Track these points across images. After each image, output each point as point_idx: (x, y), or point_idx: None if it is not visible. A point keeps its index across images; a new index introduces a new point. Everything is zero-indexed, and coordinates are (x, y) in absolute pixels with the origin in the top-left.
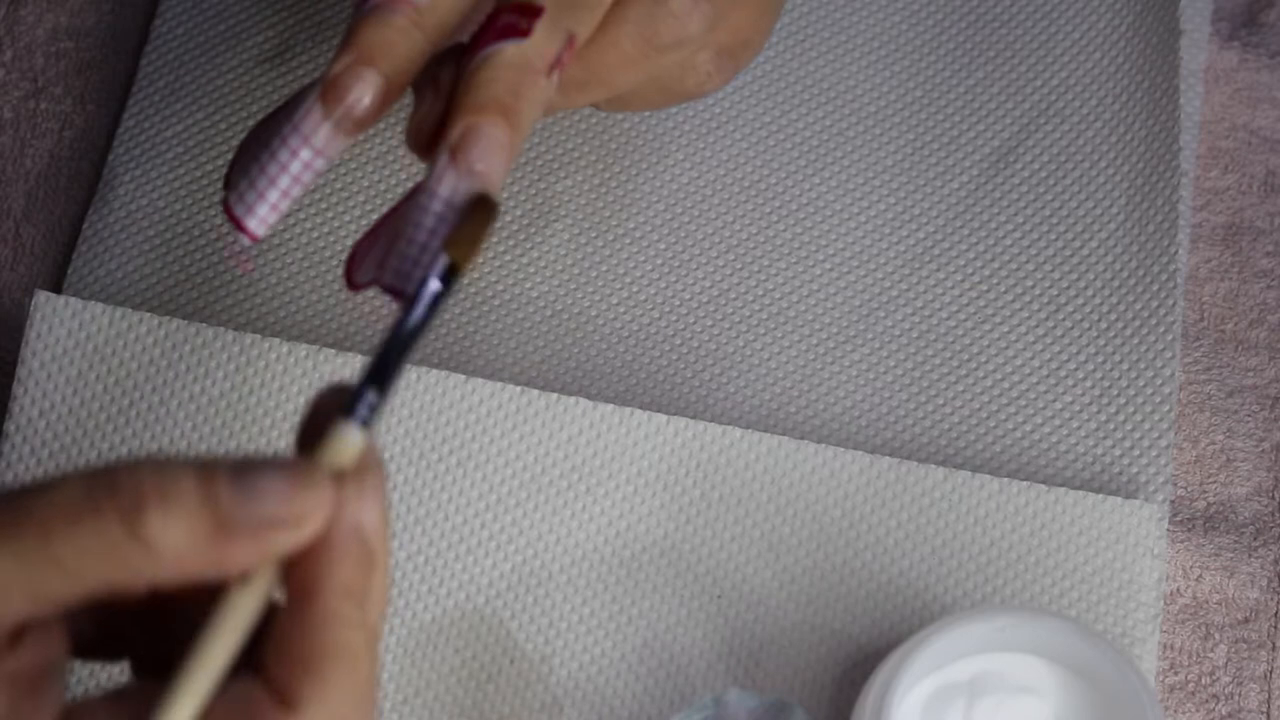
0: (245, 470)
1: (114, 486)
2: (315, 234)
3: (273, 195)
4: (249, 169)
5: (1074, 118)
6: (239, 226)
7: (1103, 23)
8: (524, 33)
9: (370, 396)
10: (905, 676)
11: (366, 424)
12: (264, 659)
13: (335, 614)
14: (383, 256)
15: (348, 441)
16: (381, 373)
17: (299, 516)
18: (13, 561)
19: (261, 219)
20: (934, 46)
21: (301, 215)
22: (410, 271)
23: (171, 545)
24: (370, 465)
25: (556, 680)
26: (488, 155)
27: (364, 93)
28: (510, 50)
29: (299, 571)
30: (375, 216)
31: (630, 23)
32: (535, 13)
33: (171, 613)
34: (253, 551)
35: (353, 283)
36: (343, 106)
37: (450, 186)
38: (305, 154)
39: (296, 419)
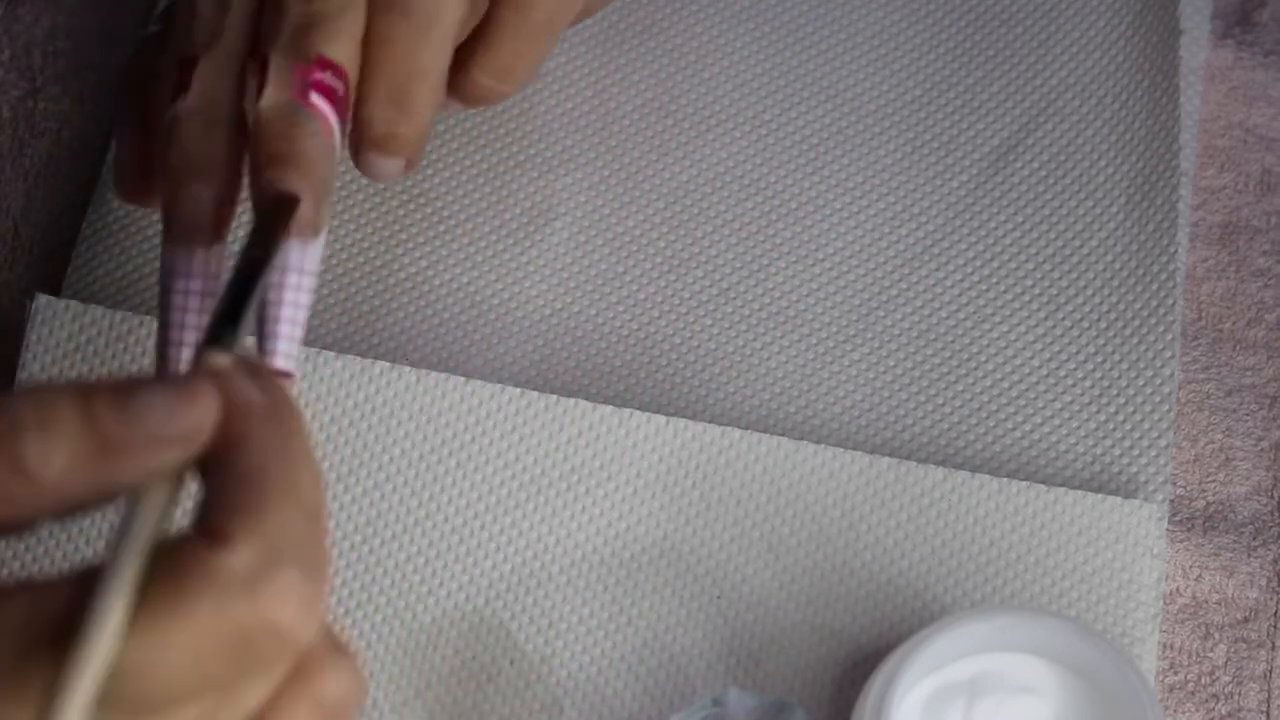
0: (126, 389)
1: None
2: None
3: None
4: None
5: (1073, 117)
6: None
7: (1102, 22)
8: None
9: (228, 331)
10: (905, 676)
11: (228, 347)
12: (196, 521)
13: (262, 462)
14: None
15: (215, 358)
16: (232, 314)
17: (186, 430)
18: None
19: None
20: (933, 45)
21: None
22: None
23: (54, 473)
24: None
25: (556, 680)
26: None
27: (197, 207)
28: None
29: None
30: (374, 216)
31: None
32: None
33: None
34: (141, 469)
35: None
36: (185, 229)
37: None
38: (196, 285)
39: None
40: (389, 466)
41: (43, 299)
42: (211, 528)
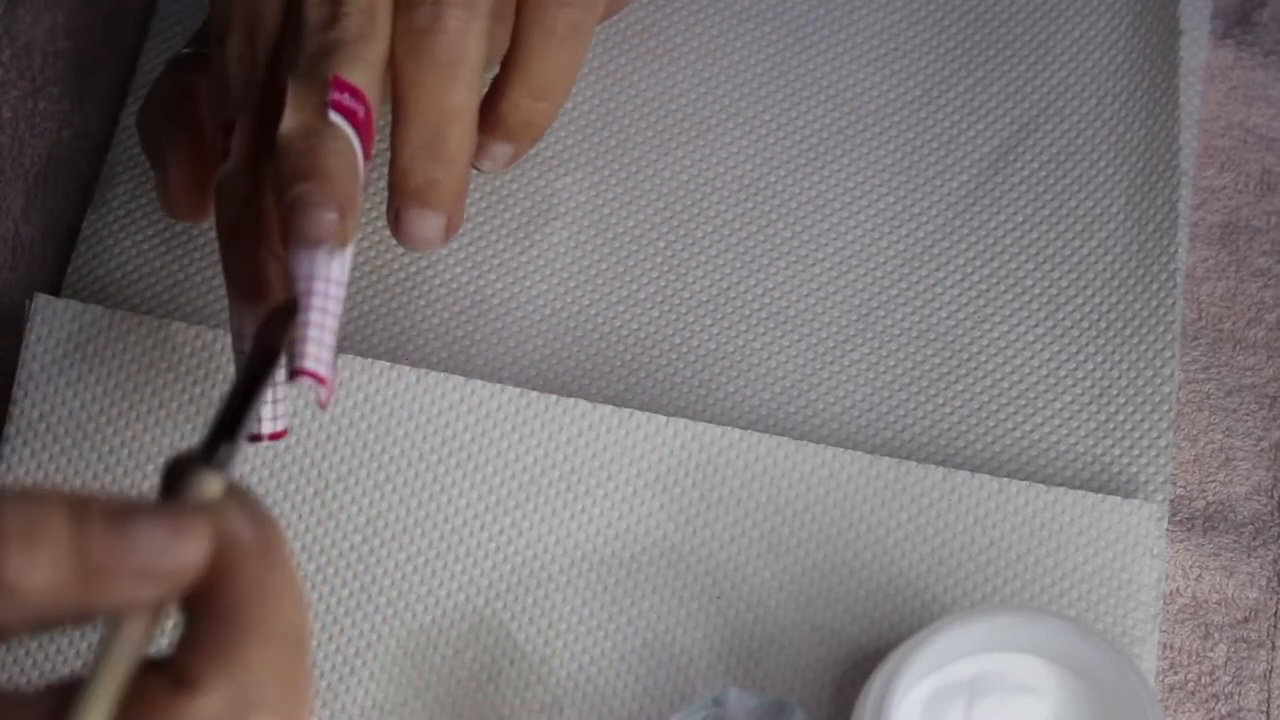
0: (121, 514)
1: None
2: None
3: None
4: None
5: (1073, 117)
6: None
7: (1102, 22)
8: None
9: (224, 447)
10: (905, 676)
11: (223, 470)
12: (168, 660)
13: (240, 604)
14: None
15: (209, 484)
16: (231, 426)
17: (178, 567)
18: None
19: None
20: (933, 46)
21: None
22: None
23: (35, 588)
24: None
25: (556, 681)
26: (314, 219)
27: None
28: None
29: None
30: (374, 216)
31: None
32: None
33: None
34: (125, 598)
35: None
36: (247, 292)
37: (305, 261)
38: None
39: (295, 421)
40: (389, 466)
41: (42, 298)
42: (182, 670)
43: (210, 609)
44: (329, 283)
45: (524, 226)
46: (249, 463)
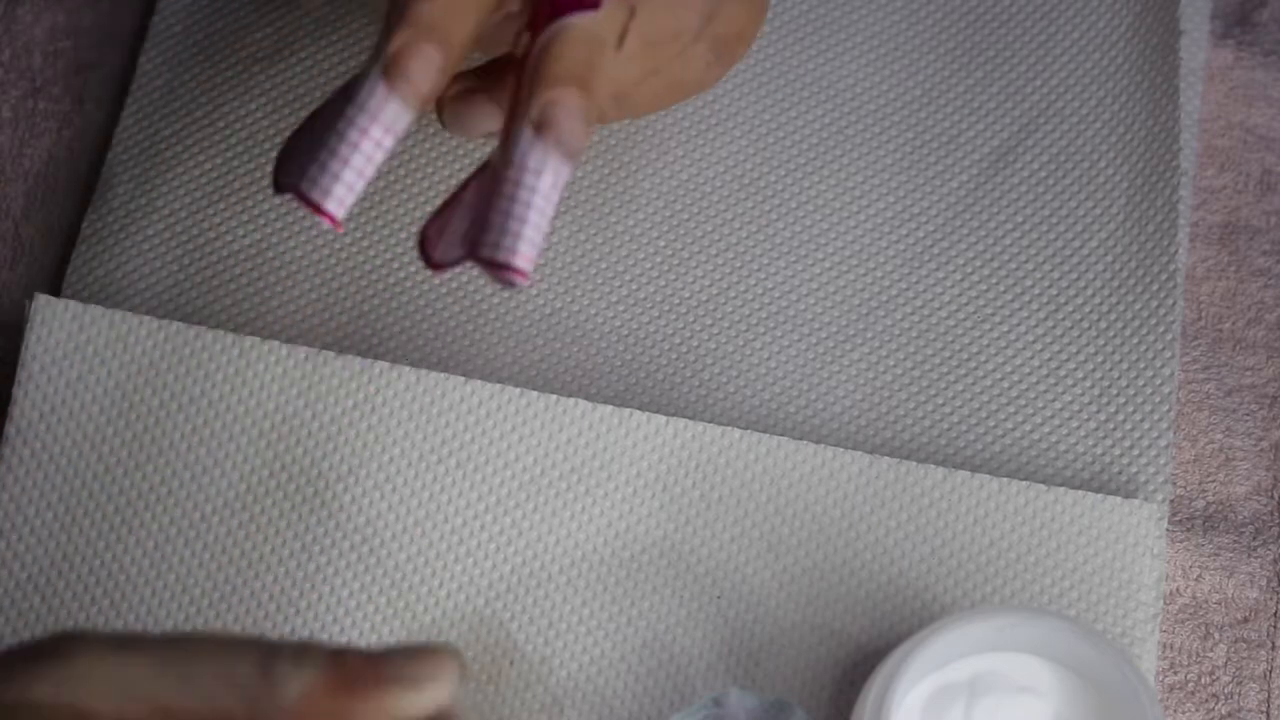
0: (377, 651)
1: (258, 638)
2: (316, 236)
3: (348, 175)
4: (315, 154)
5: (1073, 118)
6: (316, 210)
7: (1102, 23)
8: (594, 5)
9: None
10: (905, 676)
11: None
12: None
13: None
14: (473, 232)
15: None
16: None
17: (426, 678)
18: (151, 671)
19: (339, 199)
20: (933, 46)
21: (300, 215)
22: (512, 245)
23: (295, 690)
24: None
25: (556, 681)
26: (574, 127)
27: (426, 67)
28: (583, 22)
29: None
30: (373, 215)
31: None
32: None
33: None
34: (373, 711)
35: (435, 262)
36: (409, 83)
37: (539, 159)
38: (376, 132)
39: (296, 422)
40: (389, 466)
41: (42, 298)
42: None
43: None
44: (555, 188)
45: None
46: (249, 463)
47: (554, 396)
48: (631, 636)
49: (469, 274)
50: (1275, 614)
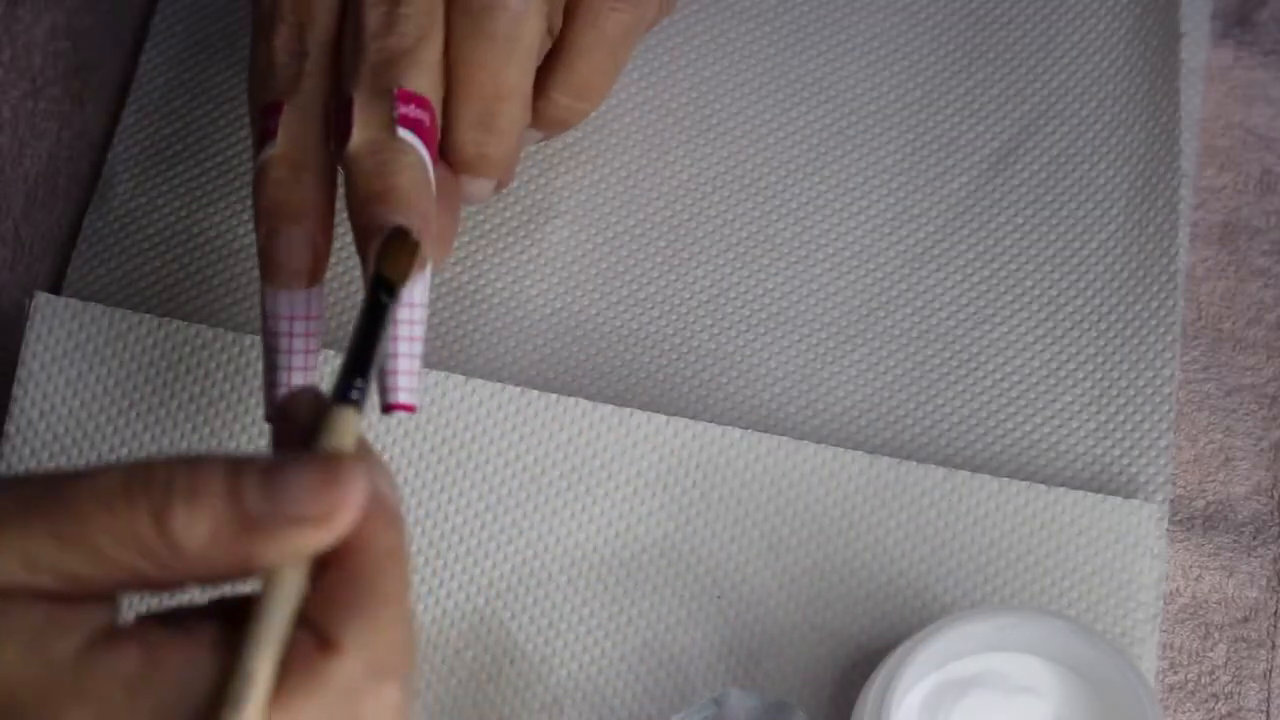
0: (274, 468)
1: (148, 481)
2: None
3: (297, 378)
4: (269, 379)
5: (1074, 119)
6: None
7: (1103, 24)
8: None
9: (358, 382)
10: (905, 676)
11: (359, 407)
12: (308, 611)
13: (376, 567)
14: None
15: (350, 423)
16: (360, 363)
17: (329, 514)
18: (51, 543)
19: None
20: (934, 47)
21: None
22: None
23: (195, 543)
24: (365, 444)
25: (556, 680)
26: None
27: (294, 246)
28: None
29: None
30: None
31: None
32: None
33: None
34: (280, 551)
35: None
36: (283, 269)
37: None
38: (298, 327)
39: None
40: (388, 465)
41: (42, 297)
42: (324, 630)
43: (350, 568)
44: (412, 307)
45: (524, 225)
46: None
47: (554, 396)
48: (631, 636)
49: (469, 274)
50: (1275, 614)
